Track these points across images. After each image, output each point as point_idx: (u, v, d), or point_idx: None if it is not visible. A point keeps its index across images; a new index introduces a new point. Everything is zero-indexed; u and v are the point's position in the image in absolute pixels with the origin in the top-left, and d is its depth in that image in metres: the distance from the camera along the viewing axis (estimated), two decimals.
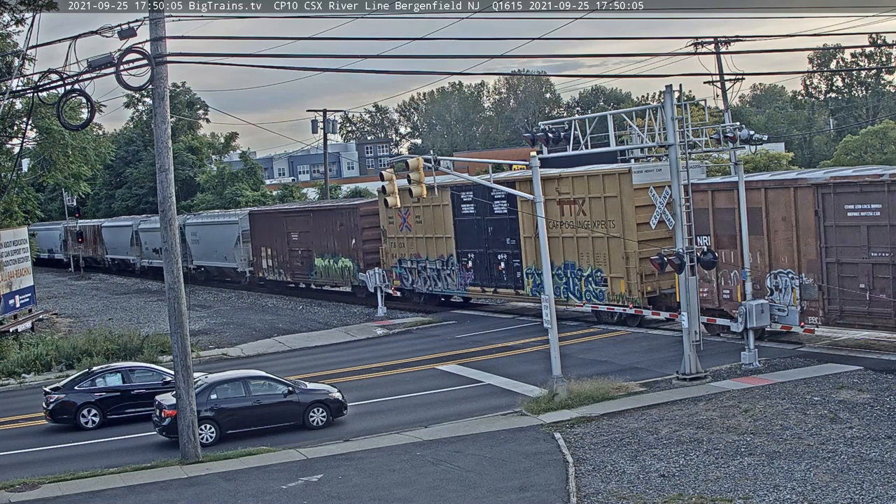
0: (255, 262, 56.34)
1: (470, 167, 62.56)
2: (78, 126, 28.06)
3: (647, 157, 32.29)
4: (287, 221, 52.70)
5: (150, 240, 70.80)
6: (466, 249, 39.64)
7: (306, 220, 50.78)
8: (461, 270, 39.98)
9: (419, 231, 42.19)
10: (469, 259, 39.52)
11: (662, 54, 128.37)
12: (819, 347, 27.50)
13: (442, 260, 40.96)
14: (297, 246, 51.58)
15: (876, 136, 69.56)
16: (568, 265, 34.41)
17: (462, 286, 40.29)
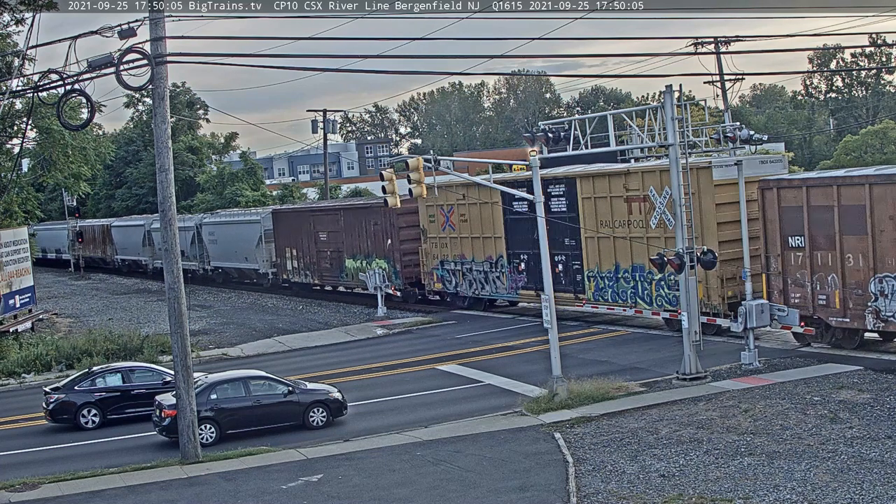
0: (278, 264, 53.99)
1: (470, 167, 62.64)
2: (78, 126, 28.08)
3: (646, 157, 32.34)
4: (315, 220, 50.24)
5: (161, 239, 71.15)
6: (518, 250, 36.79)
7: (336, 218, 48.06)
8: (512, 273, 37.26)
9: (464, 230, 39.51)
10: (521, 260, 36.68)
11: (662, 54, 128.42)
12: (819, 347, 27.48)
13: (490, 261, 38.38)
14: (325, 246, 49.18)
15: (876, 136, 69.60)
16: (637, 268, 31.66)
17: (513, 289, 37.57)
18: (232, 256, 59.62)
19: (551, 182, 33.46)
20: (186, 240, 62.60)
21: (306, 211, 52.48)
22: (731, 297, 28.79)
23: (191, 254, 63.67)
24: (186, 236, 62.67)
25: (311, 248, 50.38)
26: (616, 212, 31.89)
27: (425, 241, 42.03)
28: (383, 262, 44.19)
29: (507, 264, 37.33)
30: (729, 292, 29.01)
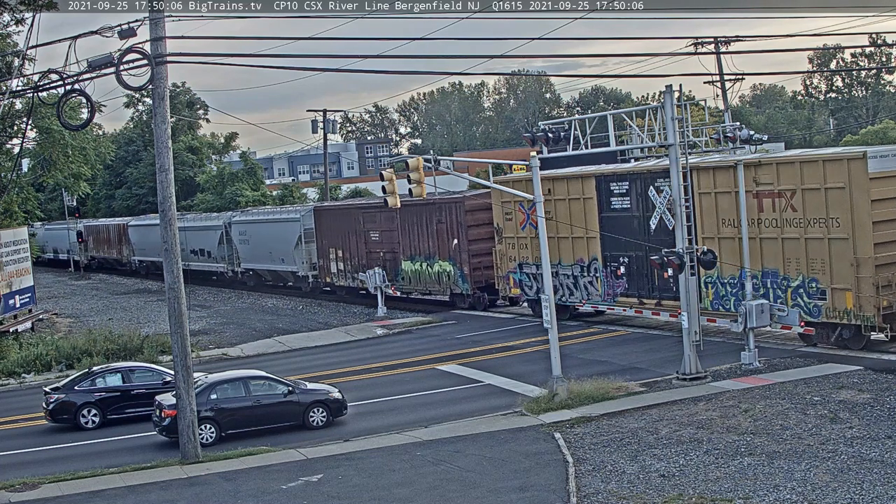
0: (320, 266, 49.94)
1: (470, 167, 62.66)
2: (78, 126, 28.08)
3: (646, 157, 32.32)
4: (365, 218, 45.98)
5: (185, 240, 63.11)
6: (618, 252, 32.30)
7: (391, 216, 43.22)
8: (609, 277, 32.77)
9: (550, 229, 32.07)
10: (621, 263, 32.21)
11: (662, 54, 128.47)
12: (819, 347, 27.48)
13: (581, 265, 33.79)
14: (377, 247, 44.96)
15: (876, 136, 69.60)
16: (768, 273, 27.47)
17: (610, 296, 33.02)
18: (266, 258, 55.19)
19: (660, 175, 29.82)
20: (213, 240, 60.34)
21: (356, 208, 47.67)
22: (887, 308, 25.11)
23: (217, 255, 60.95)
24: (213, 236, 60.41)
25: (360, 249, 46.26)
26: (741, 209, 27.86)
27: (500, 241, 37.34)
28: (447, 264, 40.80)
29: (603, 268, 32.89)
30: (884, 301, 25.12)
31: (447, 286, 41.13)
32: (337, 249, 48.13)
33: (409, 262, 42.91)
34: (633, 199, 31.21)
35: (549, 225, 31.83)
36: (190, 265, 62.63)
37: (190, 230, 62.92)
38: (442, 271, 40.68)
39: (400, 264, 43.45)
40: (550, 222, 32.15)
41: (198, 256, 63.88)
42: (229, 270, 60.15)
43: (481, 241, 39.11)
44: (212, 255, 61.88)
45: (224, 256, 60.22)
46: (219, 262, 60.67)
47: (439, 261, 40.98)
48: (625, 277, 32.08)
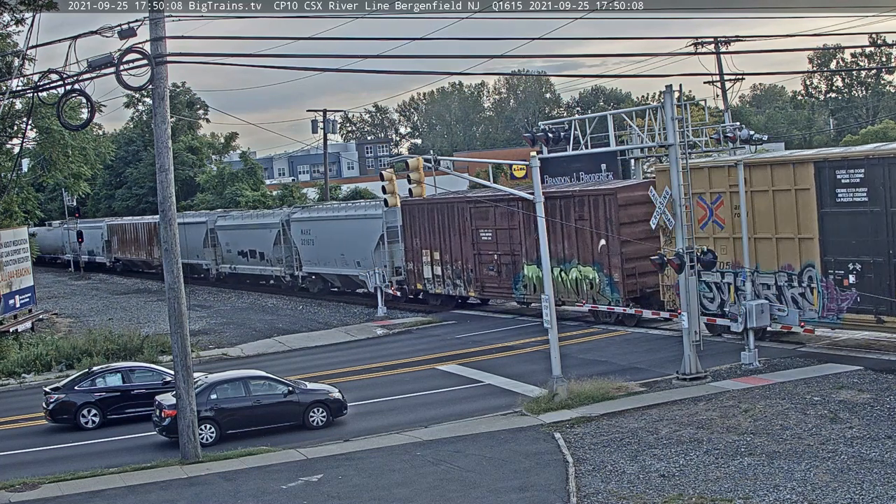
0: (408, 271, 43.37)
1: (470, 167, 62.68)
2: (78, 126, 28.09)
3: (646, 158, 32.30)
4: (475, 214, 39.16)
5: (232, 240, 58.76)
6: (845, 257, 26.12)
7: (510, 212, 36.58)
8: (830, 289, 26.57)
9: (740, 229, 27.62)
10: (851, 271, 26.05)
11: (662, 54, 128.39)
12: (819, 347, 27.49)
13: (788, 272, 27.35)
14: (489, 248, 38.41)
15: (876, 136, 69.60)
16: None
17: (831, 311, 26.72)
18: (336, 260, 48.24)
19: None
20: (267, 240, 54.39)
21: (462, 202, 40.24)
22: None
23: (273, 257, 54.33)
24: (266, 236, 54.43)
25: (465, 250, 39.74)
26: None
27: (669, 241, 29.32)
28: (590, 269, 33.51)
29: (823, 276, 26.63)
30: None
31: (588, 296, 33.92)
32: (432, 251, 41.16)
33: (534, 267, 35.81)
34: (871, 191, 25.26)
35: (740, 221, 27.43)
36: (235, 268, 58.75)
37: (234, 229, 57.91)
38: (582, 278, 33.46)
39: (521, 269, 36.72)
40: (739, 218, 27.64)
41: (247, 259, 57.45)
42: (286, 275, 53.35)
43: (637, 241, 31.94)
44: (265, 256, 55.22)
45: (281, 259, 53.62)
46: (273, 264, 54.22)
47: (578, 265, 33.68)
48: (854, 288, 26.06)
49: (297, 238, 51.12)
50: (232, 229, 58.89)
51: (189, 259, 63.05)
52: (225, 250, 59.87)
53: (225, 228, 59.67)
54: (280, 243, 53.30)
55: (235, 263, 58.51)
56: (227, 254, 59.33)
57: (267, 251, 54.85)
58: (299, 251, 51.27)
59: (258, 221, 56.46)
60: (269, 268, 54.95)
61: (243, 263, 57.83)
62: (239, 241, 57.59)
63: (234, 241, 58.31)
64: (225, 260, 60.04)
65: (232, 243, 58.92)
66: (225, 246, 59.77)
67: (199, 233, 62.82)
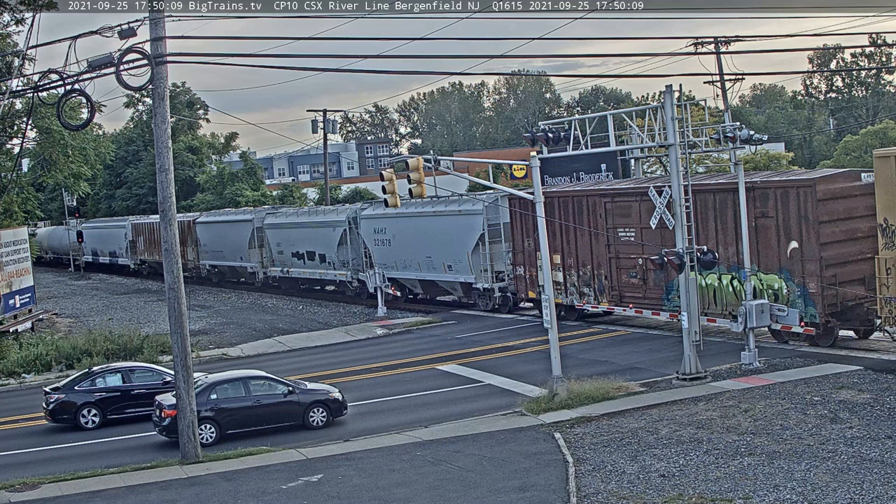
0: (517, 276, 37.26)
1: (470, 167, 62.70)
2: (78, 126, 28.05)
3: (646, 158, 32.26)
4: (611, 210, 32.72)
5: (285, 240, 52.87)
6: None
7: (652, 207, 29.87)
8: None
9: None
10: None
11: (662, 54, 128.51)
12: (819, 347, 27.47)
13: None
14: (631, 251, 32.23)
15: (876, 136, 69.60)
16: None
17: None
18: (420, 264, 42.77)
19: None
20: (329, 240, 48.96)
21: (594, 195, 33.49)
22: None
23: (337, 259, 48.72)
24: (329, 235, 48.98)
25: (596, 253, 33.51)
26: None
27: (892, 245, 24.22)
28: (774, 277, 27.79)
29: None
30: None
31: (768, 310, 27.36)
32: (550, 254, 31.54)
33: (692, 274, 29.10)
34: None
35: None
36: (289, 272, 52.95)
37: (291, 228, 52.22)
38: (763, 289, 27.73)
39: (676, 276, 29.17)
40: None
41: (303, 261, 51.70)
42: (353, 279, 48.01)
43: (842, 243, 26.84)
44: (327, 259, 49.36)
45: (346, 262, 48.08)
46: (336, 267, 48.40)
47: (760, 272, 27.89)
48: None
49: (369, 238, 45.59)
50: (284, 228, 52.95)
51: (231, 261, 59.26)
52: (276, 251, 54.01)
53: (276, 227, 53.89)
54: (346, 244, 48.05)
55: (288, 266, 52.65)
56: (279, 255, 53.67)
57: (329, 253, 49.19)
58: (371, 253, 45.52)
59: (319, 219, 50.69)
60: (332, 272, 48.85)
61: (298, 266, 51.96)
62: (294, 241, 51.89)
63: (288, 241, 52.49)
64: (275, 262, 54.20)
65: (284, 244, 53.04)
66: (276, 247, 54.02)
67: (244, 232, 56.82)
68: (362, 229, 46.28)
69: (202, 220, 62.92)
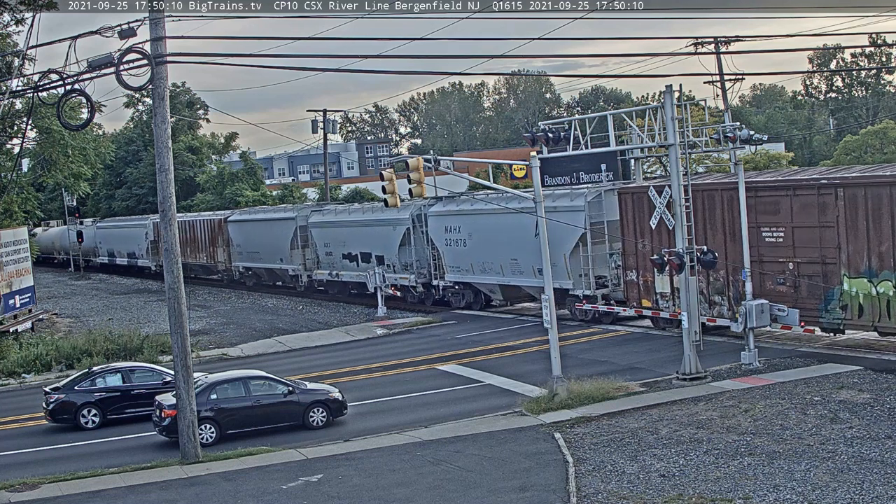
0: (630, 282, 32.39)
1: (470, 167, 62.69)
2: (78, 126, 28.07)
3: (646, 158, 32.23)
4: (752, 205, 27.80)
5: (335, 239, 48.12)
6: None
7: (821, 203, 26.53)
8: None
9: None
10: None
11: (662, 54, 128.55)
12: (819, 347, 27.48)
13: None
14: (780, 254, 27.86)
15: (876, 136, 69.54)
16: None
17: None
18: (503, 267, 37.76)
19: None
20: (390, 240, 44.33)
21: (729, 189, 28.73)
22: None
23: (398, 261, 44.01)
24: (390, 235, 44.35)
25: (732, 255, 28.59)
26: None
27: None
28: None
29: None
30: None
31: None
32: None
33: (860, 281, 25.63)
34: None
35: None
36: (340, 275, 48.21)
37: (342, 226, 47.81)
38: None
39: (837, 283, 26.20)
40: None
41: (356, 263, 46.97)
42: (417, 283, 43.48)
43: None
44: (385, 261, 44.80)
45: (409, 264, 43.74)
46: (398, 270, 44.06)
47: None
48: None
49: (439, 237, 40.99)
50: (334, 227, 48.31)
51: (268, 263, 54.67)
52: (323, 253, 49.37)
53: (323, 226, 49.33)
54: (408, 244, 43.34)
55: (338, 269, 47.91)
56: (326, 257, 49.02)
57: (389, 254, 44.37)
58: (442, 254, 41.13)
59: (376, 216, 45.62)
60: (392, 275, 44.15)
61: (351, 269, 47.21)
62: (345, 240, 47.29)
63: (338, 241, 47.82)
64: (321, 265, 49.50)
65: (333, 244, 48.32)
66: (323, 247, 49.35)
67: (285, 231, 52.15)
68: (430, 228, 41.60)
69: (235, 219, 58.11)
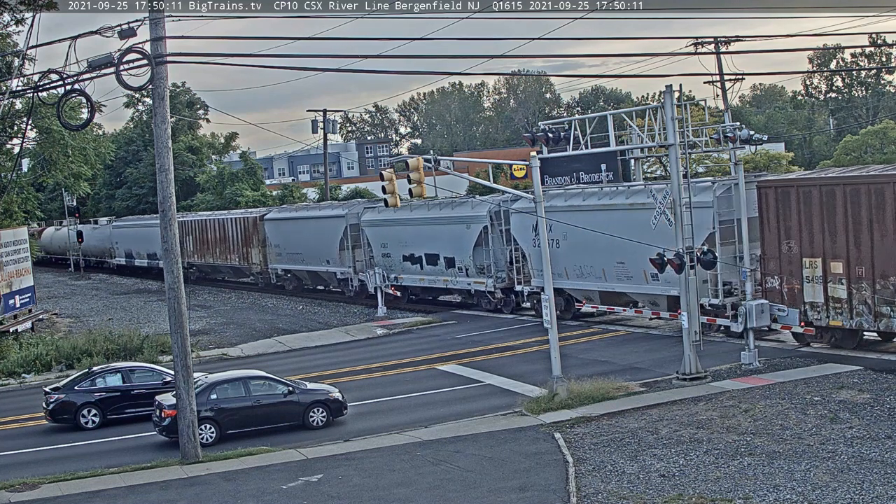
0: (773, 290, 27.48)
1: (470, 167, 62.69)
2: (78, 126, 28.09)
3: (646, 158, 32.21)
4: None
5: (393, 239, 43.91)
6: None
7: None
8: None
9: None
10: None
11: (662, 54, 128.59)
12: (819, 347, 27.47)
13: None
14: None
15: (876, 136, 69.52)
16: None
17: None
18: (604, 270, 33.19)
19: None
20: (464, 240, 39.93)
21: None
22: None
23: (472, 264, 39.64)
24: (464, 234, 39.87)
25: None
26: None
27: None
28: None
29: None
30: None
31: None
32: (828, 260, 26.34)
33: None
34: None
35: None
36: (399, 278, 43.88)
37: (403, 224, 43.44)
38: None
39: None
40: None
41: (419, 266, 42.90)
42: (496, 289, 39.07)
43: None
44: (457, 263, 40.49)
45: (485, 267, 39.32)
46: (473, 274, 39.66)
47: None
48: None
49: (524, 237, 36.45)
50: (393, 225, 44.00)
51: (313, 265, 50.02)
52: (379, 254, 44.88)
53: (379, 224, 45.01)
54: (485, 245, 39.05)
55: (397, 272, 43.68)
56: (383, 259, 44.55)
57: (461, 256, 40.03)
58: (528, 256, 36.66)
59: (446, 214, 41.12)
60: (463, 279, 40.28)
61: (412, 273, 43.26)
62: (406, 240, 43.14)
63: (398, 240, 43.61)
64: (377, 265, 44.94)
65: (392, 244, 44.03)
66: (379, 248, 44.91)
67: (333, 230, 47.82)
68: (514, 226, 37.21)
69: (273, 217, 53.83)
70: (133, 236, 71.13)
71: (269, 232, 53.82)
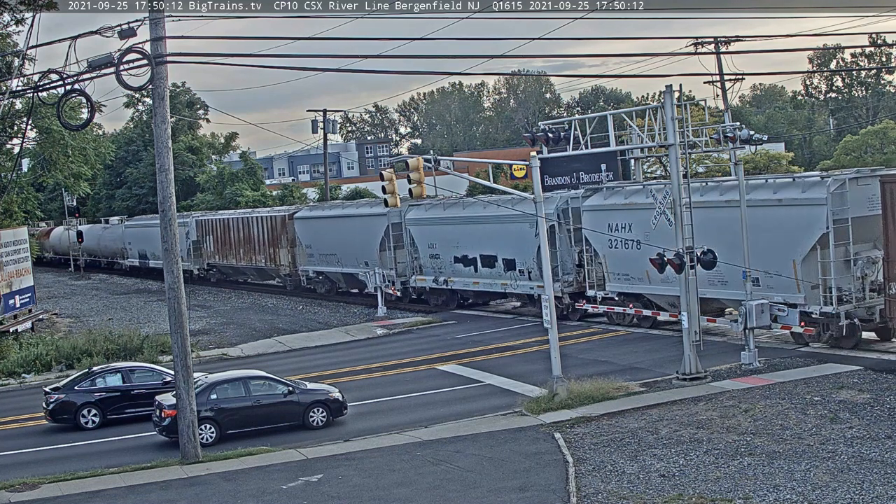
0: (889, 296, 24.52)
1: (470, 167, 62.71)
2: (78, 126, 28.09)
3: (646, 158, 32.19)
4: None
5: (442, 239, 40.95)
6: None
7: None
8: None
9: None
10: None
11: (662, 54, 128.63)
12: (819, 347, 27.48)
13: None
14: None
15: (876, 136, 69.52)
16: None
17: None
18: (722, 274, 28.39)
19: None
20: (525, 242, 36.33)
21: None
22: None
23: (536, 266, 35.33)
24: (526, 234, 35.74)
25: None
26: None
27: None
28: None
29: None
30: None
31: None
32: None
33: None
34: None
35: None
36: (450, 281, 41.07)
37: (453, 224, 40.37)
38: None
39: None
40: None
41: (473, 268, 39.87)
42: (564, 293, 35.36)
43: None
44: (517, 265, 37.57)
45: (564, 264, 35.87)
46: (535, 278, 35.90)
47: None
48: None
49: (598, 238, 33.37)
50: (442, 224, 40.81)
51: (350, 267, 46.80)
52: (426, 255, 42.03)
53: (426, 223, 41.99)
54: (564, 244, 35.88)
55: (447, 275, 40.96)
56: (431, 261, 41.76)
57: (523, 258, 36.95)
58: (603, 258, 33.66)
59: (504, 213, 35.67)
60: (525, 283, 37.12)
61: (465, 275, 40.16)
62: (458, 240, 40.09)
63: (447, 241, 40.62)
64: (423, 270, 42.38)
65: (441, 244, 41.09)
66: (426, 249, 41.99)
67: (373, 230, 44.62)
68: (586, 225, 34.16)
69: (304, 215, 50.59)
70: (147, 236, 66.08)
71: (299, 231, 50.67)
